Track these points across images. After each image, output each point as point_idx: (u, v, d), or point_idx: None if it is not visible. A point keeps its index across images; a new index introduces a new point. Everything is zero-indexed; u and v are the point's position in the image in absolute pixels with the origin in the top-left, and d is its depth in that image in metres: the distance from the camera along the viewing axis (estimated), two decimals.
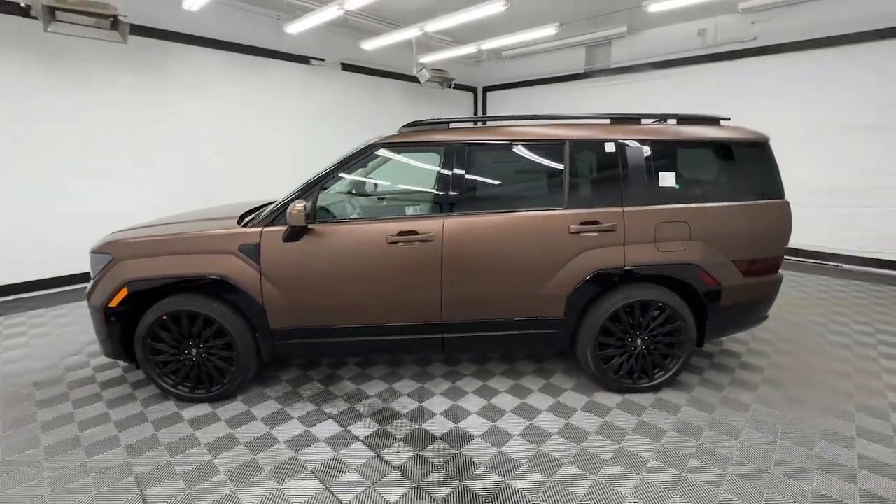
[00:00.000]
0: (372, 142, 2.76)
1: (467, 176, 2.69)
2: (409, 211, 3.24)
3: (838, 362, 3.27)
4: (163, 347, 2.71)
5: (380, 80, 7.81)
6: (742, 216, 2.71)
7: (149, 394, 2.91)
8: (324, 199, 2.94)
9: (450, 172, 2.69)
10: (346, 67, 7.27)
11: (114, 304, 2.65)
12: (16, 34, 4.48)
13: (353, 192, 3.87)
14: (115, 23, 4.25)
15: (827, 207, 6.01)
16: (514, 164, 2.83)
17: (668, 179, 2.70)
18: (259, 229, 2.64)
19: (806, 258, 6.24)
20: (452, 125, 2.86)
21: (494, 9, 4.50)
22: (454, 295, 2.66)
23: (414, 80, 7.56)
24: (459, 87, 9.35)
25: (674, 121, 2.89)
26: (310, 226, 2.60)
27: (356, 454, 2.32)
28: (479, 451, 2.34)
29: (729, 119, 2.92)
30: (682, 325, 2.73)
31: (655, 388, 2.86)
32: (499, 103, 9.61)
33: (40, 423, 2.60)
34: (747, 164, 2.76)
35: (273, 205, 2.76)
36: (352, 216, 3.17)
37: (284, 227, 2.59)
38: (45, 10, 3.91)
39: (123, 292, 2.64)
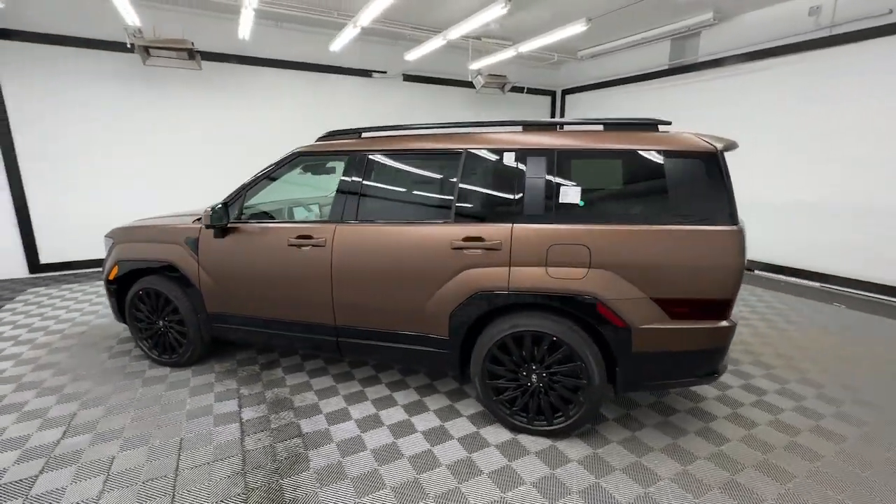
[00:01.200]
0: (294, 151, 2.98)
1: (363, 185, 2.72)
2: (315, 216, 3.37)
3: (842, 453, 2.37)
4: (141, 316, 3.35)
5: (442, 88, 8.02)
6: (667, 244, 2.18)
7: (139, 353, 3.61)
8: (263, 202, 3.27)
9: (348, 181, 2.76)
10: (408, 78, 7.66)
11: (111, 277, 3.38)
12: (123, 65, 5.80)
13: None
14: (191, 54, 5.30)
15: None
16: (411, 175, 2.74)
17: (570, 195, 2.33)
18: (200, 225, 3.08)
19: None
20: (365, 134, 2.91)
21: (496, 12, 4.31)
22: (344, 300, 2.72)
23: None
24: (534, 91, 9.02)
25: (600, 127, 2.46)
26: (230, 225, 2.95)
27: (226, 434, 2.57)
28: (323, 456, 2.38)
29: (669, 124, 2.37)
30: (582, 367, 2.33)
31: (555, 435, 2.49)
32: (576, 107, 8.98)
33: (62, 362, 3.46)
34: (682, 180, 2.20)
35: None
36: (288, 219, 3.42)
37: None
38: (141, 49, 5.09)
39: (115, 269, 3.34)
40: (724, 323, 2.22)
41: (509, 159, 2.45)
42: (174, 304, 3.22)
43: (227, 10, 5.77)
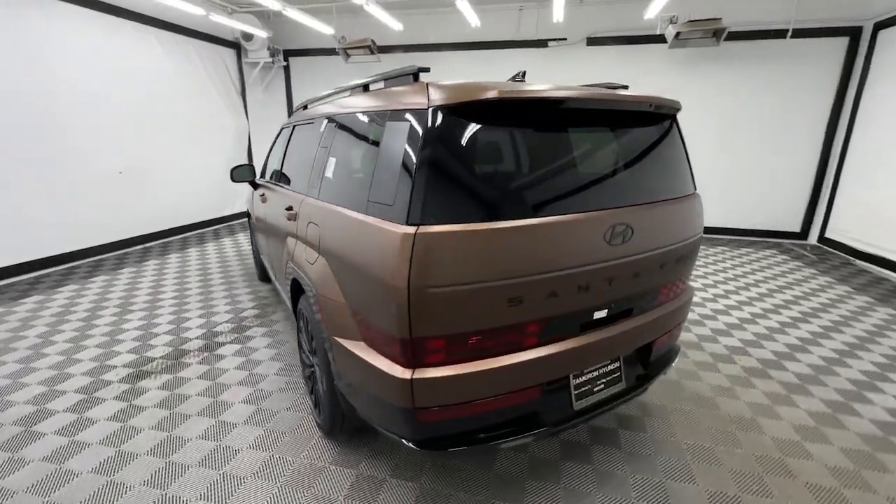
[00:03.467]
0: (283, 123, 3.60)
1: (286, 151, 3.05)
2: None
3: None
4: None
5: (637, 48, 6.48)
6: (353, 239, 1.61)
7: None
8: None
9: (279, 148, 3.16)
10: (592, 42, 6.62)
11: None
12: (334, 64, 7.57)
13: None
14: (371, 49, 6.58)
15: None
16: (304, 143, 2.82)
17: (329, 167, 1.97)
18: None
19: None
20: (309, 105, 3.16)
21: None
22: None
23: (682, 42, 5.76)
24: (809, 32, 5.92)
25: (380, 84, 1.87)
26: (258, 180, 3.89)
27: (191, 329, 3.63)
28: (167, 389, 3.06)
29: (427, 70, 1.54)
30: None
31: (325, 431, 2.26)
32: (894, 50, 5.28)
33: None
34: (387, 151, 1.50)
35: None
36: None
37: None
38: (343, 52, 6.74)
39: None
40: (399, 372, 1.44)
41: (323, 127, 2.27)
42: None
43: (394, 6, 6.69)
